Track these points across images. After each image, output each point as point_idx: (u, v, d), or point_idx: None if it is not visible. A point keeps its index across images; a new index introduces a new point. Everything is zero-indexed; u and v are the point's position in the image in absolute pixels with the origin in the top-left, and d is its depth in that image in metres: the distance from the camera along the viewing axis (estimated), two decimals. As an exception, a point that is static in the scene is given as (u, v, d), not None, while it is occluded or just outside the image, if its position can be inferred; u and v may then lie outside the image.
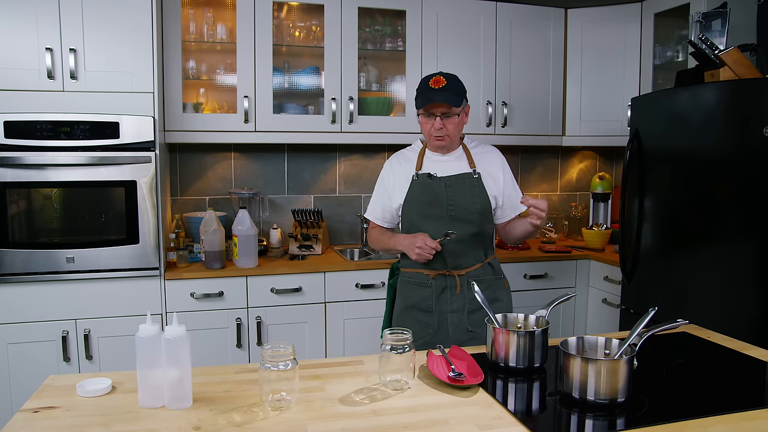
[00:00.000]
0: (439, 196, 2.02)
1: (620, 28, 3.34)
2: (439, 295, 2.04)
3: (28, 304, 2.53)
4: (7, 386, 2.53)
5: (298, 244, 3.11)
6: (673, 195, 2.53)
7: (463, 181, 2.04)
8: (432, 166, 2.07)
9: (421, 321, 2.05)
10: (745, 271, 2.22)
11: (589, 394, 1.24)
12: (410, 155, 2.14)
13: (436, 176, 2.04)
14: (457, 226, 2.00)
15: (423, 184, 2.04)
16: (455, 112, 1.97)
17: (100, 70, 2.54)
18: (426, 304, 2.05)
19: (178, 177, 3.24)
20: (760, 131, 2.15)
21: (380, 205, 2.16)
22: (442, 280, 2.04)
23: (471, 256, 2.05)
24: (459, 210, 2.02)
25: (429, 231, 2.00)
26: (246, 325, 2.79)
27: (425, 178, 2.04)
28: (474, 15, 3.27)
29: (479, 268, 2.06)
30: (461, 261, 2.04)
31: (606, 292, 3.18)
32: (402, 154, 2.17)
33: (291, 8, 3.17)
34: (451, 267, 2.04)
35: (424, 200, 2.03)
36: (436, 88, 1.94)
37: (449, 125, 1.98)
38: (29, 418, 1.18)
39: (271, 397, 1.24)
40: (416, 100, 2.00)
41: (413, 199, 2.06)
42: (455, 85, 1.97)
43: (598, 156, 3.96)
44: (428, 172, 2.05)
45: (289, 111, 3.13)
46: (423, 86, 1.98)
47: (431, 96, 1.94)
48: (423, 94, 1.96)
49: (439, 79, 1.95)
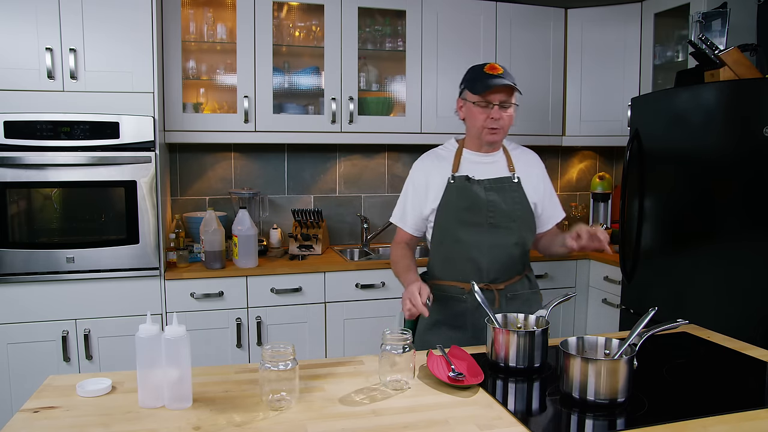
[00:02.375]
0: (479, 202, 1.83)
1: (620, 28, 3.33)
2: (474, 311, 1.83)
3: (28, 304, 2.53)
4: (7, 386, 2.53)
5: (298, 244, 3.11)
6: (673, 195, 2.53)
7: (504, 185, 1.86)
8: (470, 167, 1.88)
9: (452, 338, 1.80)
10: (745, 270, 2.22)
11: (589, 394, 1.23)
12: (445, 154, 1.94)
13: (474, 179, 1.85)
14: (497, 234, 1.84)
15: (460, 187, 1.84)
16: (513, 102, 1.81)
17: (100, 70, 2.54)
18: (459, 320, 1.87)
19: (178, 177, 3.24)
20: (760, 131, 2.15)
21: (410, 210, 1.94)
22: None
23: (510, 269, 1.88)
24: (500, 217, 1.84)
25: (465, 239, 1.84)
26: (246, 325, 2.79)
27: (463, 180, 1.85)
28: (474, 15, 3.27)
29: (518, 281, 1.90)
30: (500, 274, 1.86)
31: (606, 292, 3.18)
32: (435, 153, 1.97)
33: (291, 8, 3.17)
34: (488, 280, 1.85)
35: (462, 206, 1.84)
36: (495, 74, 1.77)
37: (506, 116, 1.81)
38: (29, 418, 1.18)
39: (271, 397, 1.24)
40: (472, 86, 1.80)
41: (449, 205, 1.85)
42: (511, 74, 1.82)
43: (598, 156, 3.96)
44: (466, 175, 1.86)
45: (289, 111, 3.13)
46: (477, 73, 1.81)
47: (493, 80, 1.76)
48: (481, 80, 1.78)
49: (495, 66, 1.80)
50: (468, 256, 1.86)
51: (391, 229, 3.54)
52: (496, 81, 1.76)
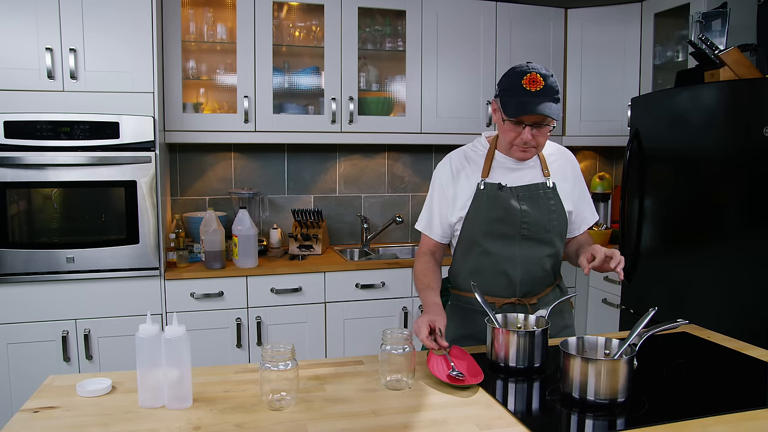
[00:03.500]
0: (512, 212, 1.67)
1: (620, 28, 3.34)
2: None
3: (28, 304, 2.53)
4: (7, 386, 2.53)
5: (298, 244, 3.11)
6: (673, 195, 2.53)
7: (538, 193, 1.70)
8: (502, 173, 1.71)
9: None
10: (745, 270, 2.22)
11: (589, 394, 1.23)
12: (474, 157, 1.76)
13: (506, 187, 1.68)
14: (530, 246, 1.69)
15: (491, 196, 1.68)
16: (550, 122, 1.59)
17: (100, 70, 2.54)
18: (485, 335, 1.65)
19: (178, 177, 3.24)
20: (760, 131, 2.15)
21: (437, 216, 1.77)
22: (509, 309, 1.69)
23: (543, 281, 1.74)
24: (534, 228, 1.68)
25: (496, 252, 1.69)
26: (246, 325, 2.79)
27: (494, 189, 1.68)
28: (474, 15, 3.27)
29: (550, 293, 1.76)
30: (533, 287, 1.72)
31: (606, 292, 3.18)
32: (464, 154, 1.78)
33: (291, 8, 3.17)
34: (521, 294, 1.71)
35: (493, 216, 1.68)
36: (534, 91, 1.53)
37: (540, 137, 1.61)
38: (29, 418, 1.18)
39: (271, 397, 1.24)
40: (504, 102, 1.59)
41: (478, 214, 1.69)
42: (554, 87, 1.56)
43: (598, 156, 3.96)
44: (498, 182, 1.69)
45: (289, 111, 3.13)
46: (515, 86, 1.56)
47: (529, 105, 1.53)
48: (517, 98, 1.56)
49: (536, 78, 1.54)
50: (499, 269, 1.71)
51: (391, 229, 3.56)
52: (533, 106, 1.53)
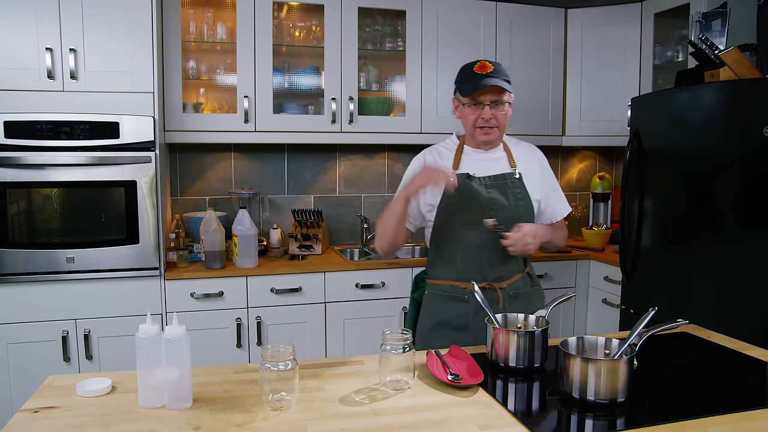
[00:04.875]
0: (480, 200, 1.81)
1: (620, 28, 3.34)
2: (477, 312, 1.81)
3: (28, 304, 2.53)
4: (7, 386, 2.53)
5: (298, 244, 3.11)
6: (673, 195, 2.53)
7: (505, 182, 1.85)
8: (471, 164, 1.87)
9: (455, 340, 1.78)
10: (745, 270, 2.22)
11: (589, 394, 1.23)
12: (445, 152, 1.93)
13: (475, 177, 1.84)
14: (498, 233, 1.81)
15: (461, 185, 1.81)
16: (506, 100, 1.80)
17: (100, 70, 2.54)
18: (462, 321, 1.85)
19: (178, 177, 3.24)
20: (760, 131, 2.15)
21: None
22: (481, 293, 1.77)
23: (512, 267, 1.87)
24: (502, 215, 1.81)
25: (466, 238, 1.83)
26: (246, 325, 2.79)
27: (464, 178, 1.83)
28: (474, 15, 3.27)
29: (520, 279, 1.89)
30: (503, 272, 1.85)
31: (606, 292, 3.18)
32: (436, 149, 1.95)
33: (291, 8, 3.17)
34: (491, 279, 1.84)
35: (462, 204, 1.82)
36: (485, 73, 1.76)
37: (499, 115, 1.80)
38: (29, 418, 1.18)
39: (271, 397, 1.24)
40: (461, 88, 1.81)
41: (449, 203, 1.83)
42: (504, 71, 1.81)
43: (598, 156, 3.96)
44: (467, 173, 1.84)
45: (289, 111, 3.13)
46: (467, 73, 1.81)
47: (481, 81, 1.75)
48: (470, 80, 1.78)
49: (485, 65, 1.79)
50: (470, 255, 1.84)
51: (391, 229, 3.56)
52: (484, 81, 1.75)
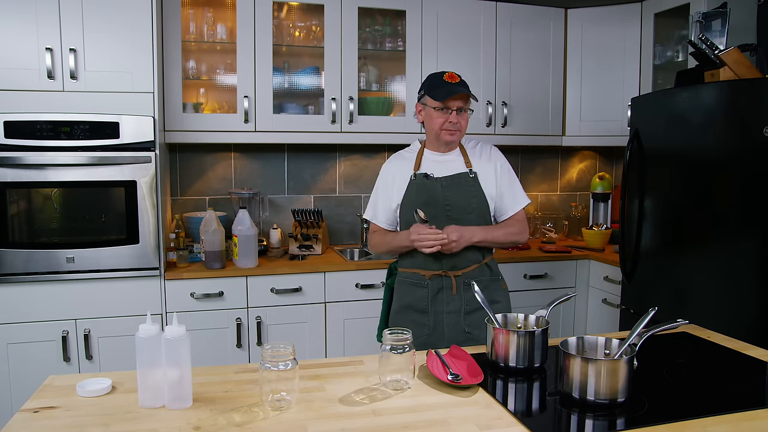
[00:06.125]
0: (436, 197, 2.02)
1: (620, 28, 3.34)
2: (434, 296, 2.04)
3: (28, 304, 2.53)
4: (7, 386, 2.53)
5: (298, 244, 3.11)
6: (673, 195, 2.53)
7: (460, 181, 2.04)
8: (430, 166, 2.07)
9: (416, 321, 2.04)
10: (745, 270, 2.22)
11: (589, 394, 1.23)
12: (408, 156, 2.14)
13: (432, 176, 2.04)
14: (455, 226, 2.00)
15: (420, 184, 2.04)
16: (469, 108, 2.02)
17: (100, 70, 2.54)
18: (421, 304, 2.05)
19: (178, 177, 3.24)
20: (760, 131, 2.15)
21: (381, 207, 2.14)
22: (438, 281, 2.03)
23: (468, 257, 2.04)
24: (456, 210, 2.02)
25: None
26: (246, 325, 2.79)
27: (422, 178, 2.04)
28: (474, 15, 3.27)
29: (476, 269, 2.05)
30: (458, 262, 2.03)
31: (606, 292, 3.18)
32: (400, 155, 2.17)
33: (291, 8, 3.17)
34: (447, 268, 2.03)
35: (421, 201, 2.03)
36: (455, 82, 1.97)
37: (462, 120, 2.01)
38: (29, 418, 1.18)
39: (271, 397, 1.24)
40: (433, 93, 1.99)
41: (410, 200, 2.05)
42: (466, 84, 2.01)
43: (598, 156, 3.96)
44: (425, 173, 2.05)
45: (289, 111, 3.13)
46: (438, 81, 1.99)
47: (453, 88, 1.96)
48: (442, 87, 1.97)
49: (453, 75, 1.99)
50: None
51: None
52: (457, 89, 1.96)
